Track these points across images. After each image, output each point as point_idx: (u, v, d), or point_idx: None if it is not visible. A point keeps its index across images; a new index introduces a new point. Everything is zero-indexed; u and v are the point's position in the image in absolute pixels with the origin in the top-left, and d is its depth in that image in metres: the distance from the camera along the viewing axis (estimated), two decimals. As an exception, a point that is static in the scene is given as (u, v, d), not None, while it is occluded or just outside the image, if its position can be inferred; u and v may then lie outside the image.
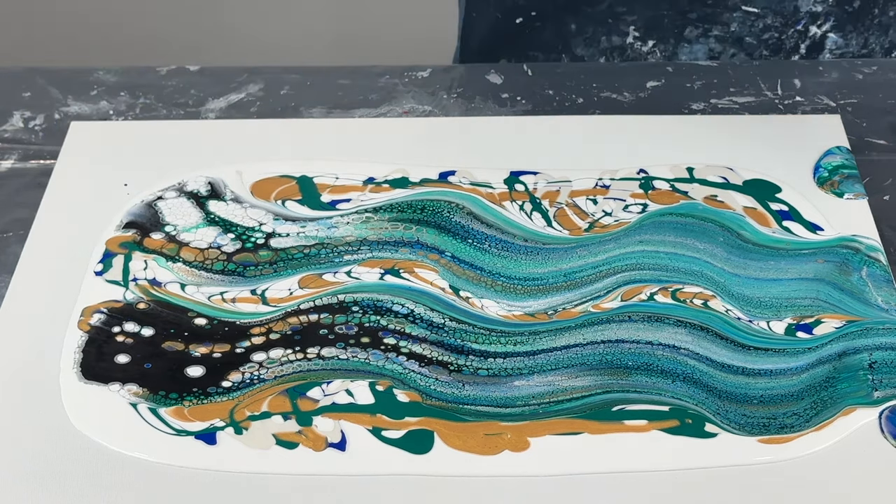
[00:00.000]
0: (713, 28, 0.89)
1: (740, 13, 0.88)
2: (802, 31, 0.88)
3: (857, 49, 0.90)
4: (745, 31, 0.89)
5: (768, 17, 0.88)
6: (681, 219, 0.76)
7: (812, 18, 0.89)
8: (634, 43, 0.91)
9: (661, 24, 0.90)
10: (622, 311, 0.70)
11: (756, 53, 0.91)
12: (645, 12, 0.90)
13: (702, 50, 0.91)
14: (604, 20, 0.91)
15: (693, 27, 0.90)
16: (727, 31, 0.89)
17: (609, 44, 0.92)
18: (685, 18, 0.90)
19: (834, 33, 0.89)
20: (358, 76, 0.89)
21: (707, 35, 0.90)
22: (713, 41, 0.90)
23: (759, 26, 0.89)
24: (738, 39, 0.90)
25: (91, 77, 0.88)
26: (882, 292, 0.71)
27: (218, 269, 0.73)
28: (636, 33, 0.90)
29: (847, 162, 0.80)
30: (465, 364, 0.67)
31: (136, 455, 0.63)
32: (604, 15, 0.91)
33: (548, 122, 0.84)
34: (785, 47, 0.90)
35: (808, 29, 0.88)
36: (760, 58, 0.90)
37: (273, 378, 0.67)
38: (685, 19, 0.90)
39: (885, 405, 0.65)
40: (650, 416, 0.65)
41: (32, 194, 0.78)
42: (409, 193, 0.77)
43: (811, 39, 0.89)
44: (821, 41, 0.90)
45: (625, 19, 0.91)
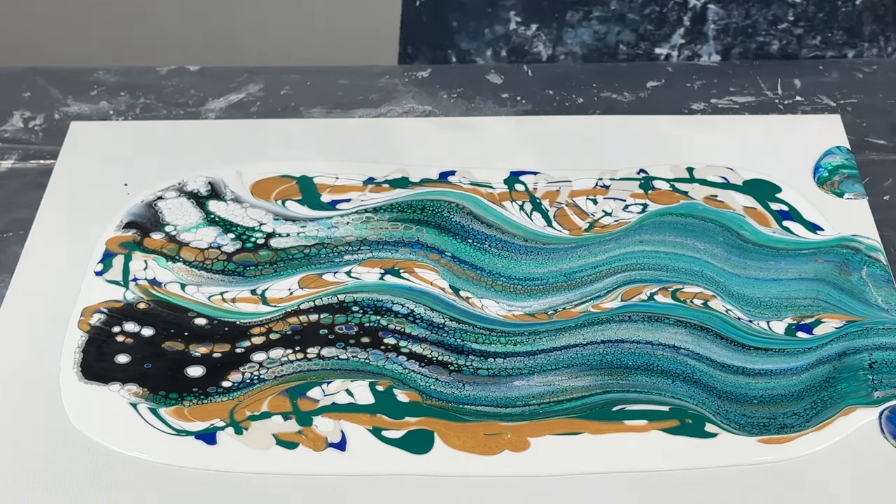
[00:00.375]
0: (593, 9, 0.89)
1: None
2: (682, 2, 0.88)
3: (741, 20, 0.89)
4: (626, 8, 0.89)
5: None
6: (681, 219, 0.76)
7: None
8: (518, 28, 0.91)
9: (540, 7, 0.90)
10: (622, 311, 0.70)
11: (641, 29, 0.90)
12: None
13: (587, 33, 0.90)
14: (483, 10, 0.91)
15: (573, 10, 0.89)
16: (608, 10, 0.89)
17: (493, 33, 0.91)
18: (564, 1, 0.89)
19: (714, 4, 0.88)
20: (358, 76, 0.89)
21: (589, 17, 0.89)
22: (596, 22, 0.89)
23: (638, 1, 0.89)
24: (621, 17, 0.89)
25: (91, 77, 0.88)
26: (882, 292, 0.71)
27: (218, 269, 0.73)
28: (517, 18, 0.90)
29: (847, 162, 0.80)
30: (465, 364, 0.67)
31: (136, 455, 0.63)
32: (482, 4, 0.91)
33: (548, 122, 0.84)
34: (668, 20, 0.89)
35: (687, 1, 0.88)
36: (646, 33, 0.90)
37: (273, 378, 0.67)
38: (564, 2, 0.89)
39: (885, 405, 0.65)
40: (650, 416, 0.65)
41: (32, 194, 0.78)
42: (409, 193, 0.77)
43: (693, 11, 0.89)
44: (703, 13, 0.89)
45: (504, 4, 0.90)
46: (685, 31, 0.90)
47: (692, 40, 0.90)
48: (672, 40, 0.90)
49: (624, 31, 0.90)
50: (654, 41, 0.91)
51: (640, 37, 0.90)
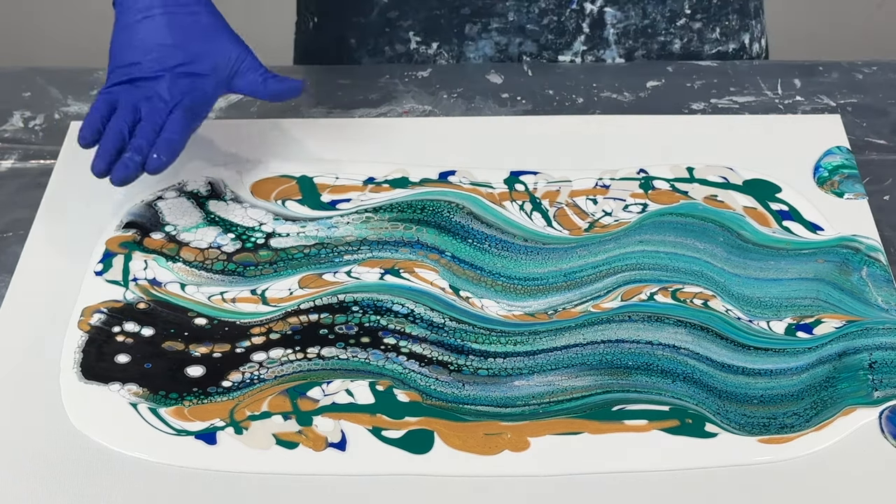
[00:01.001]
0: (491, 21, 0.89)
1: (512, 1, 0.88)
2: (579, 9, 0.88)
3: (639, 20, 0.89)
4: (524, 19, 0.89)
5: (541, 1, 0.88)
6: (681, 219, 0.76)
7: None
8: (419, 48, 0.90)
9: (437, 24, 0.89)
10: (622, 311, 0.70)
11: (542, 39, 0.90)
12: (418, 15, 0.89)
13: (488, 45, 0.90)
14: (381, 30, 0.91)
15: (471, 24, 0.89)
16: (506, 22, 0.88)
17: (394, 51, 0.91)
18: (460, 15, 0.89)
19: (610, 7, 0.88)
20: (358, 76, 0.89)
21: (488, 30, 0.89)
22: (496, 34, 0.89)
23: (535, 11, 0.88)
24: (521, 28, 0.89)
25: (91, 77, 0.88)
26: (882, 292, 0.71)
27: (218, 269, 0.73)
28: (417, 38, 0.90)
29: (847, 162, 0.80)
30: (465, 364, 0.67)
31: (136, 455, 0.63)
32: (378, 24, 0.90)
33: (548, 122, 0.84)
34: (568, 29, 0.89)
35: (583, 7, 0.88)
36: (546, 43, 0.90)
37: (273, 378, 0.67)
38: (460, 16, 0.89)
39: (885, 405, 0.65)
40: (650, 415, 0.65)
41: (32, 194, 0.78)
42: (409, 193, 0.77)
43: (591, 17, 0.89)
44: (600, 17, 0.89)
45: (401, 24, 0.90)
46: (586, 37, 0.90)
47: (594, 46, 0.90)
48: (574, 47, 0.90)
49: (525, 42, 0.90)
50: (557, 50, 0.91)
51: (542, 46, 0.90)
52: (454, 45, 0.90)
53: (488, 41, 0.90)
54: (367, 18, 0.90)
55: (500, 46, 0.90)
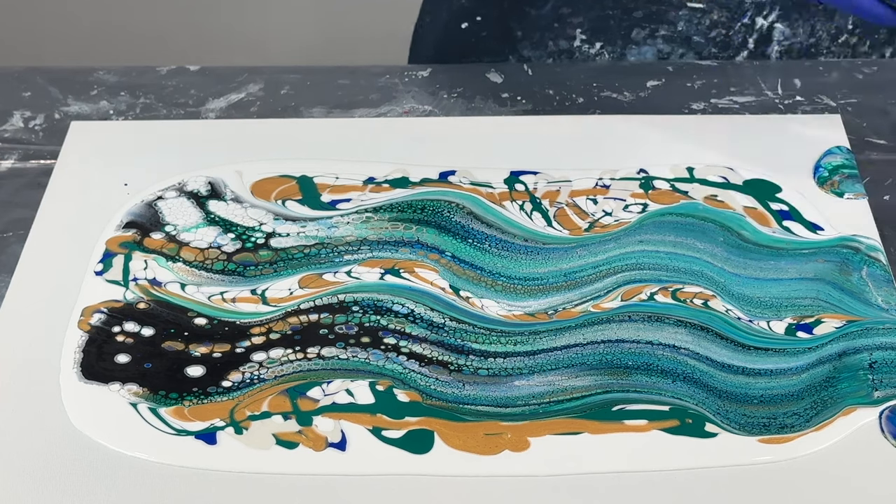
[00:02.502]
0: (660, 28, 0.88)
1: (686, 10, 0.87)
2: (749, 23, 0.88)
3: (805, 38, 0.89)
4: (692, 30, 0.88)
5: (714, 13, 0.88)
6: (681, 219, 0.76)
7: (757, 9, 0.88)
8: (582, 46, 0.90)
9: (607, 25, 0.89)
10: (622, 310, 0.70)
11: (705, 52, 0.90)
12: (590, 13, 0.90)
13: (650, 51, 0.90)
14: (549, 24, 0.91)
15: (640, 28, 0.89)
16: (674, 31, 0.88)
17: (556, 47, 0.91)
18: (631, 18, 0.89)
19: (780, 23, 0.88)
20: (358, 76, 0.89)
21: (654, 36, 0.89)
22: (661, 42, 0.89)
23: (705, 23, 0.88)
24: (686, 39, 0.89)
25: (91, 77, 0.88)
26: (882, 292, 0.71)
27: (218, 269, 0.73)
28: (583, 36, 0.90)
29: (847, 162, 0.80)
30: (465, 364, 0.67)
31: (136, 455, 0.63)
32: (548, 18, 0.90)
33: (548, 122, 0.84)
34: (733, 44, 0.89)
35: (754, 21, 0.88)
36: (709, 56, 0.90)
37: (273, 378, 0.67)
38: (631, 19, 0.89)
39: (885, 405, 0.65)
40: (650, 415, 0.65)
41: (32, 194, 0.78)
42: (409, 193, 0.77)
43: (759, 32, 0.89)
44: (768, 33, 0.89)
45: (570, 21, 0.90)
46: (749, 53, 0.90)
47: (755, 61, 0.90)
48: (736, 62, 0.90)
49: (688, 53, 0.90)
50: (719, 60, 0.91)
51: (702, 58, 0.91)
52: (617, 47, 0.90)
53: (652, 47, 0.90)
54: (539, 11, 0.90)
55: (662, 54, 0.90)
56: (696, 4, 0.87)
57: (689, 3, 0.86)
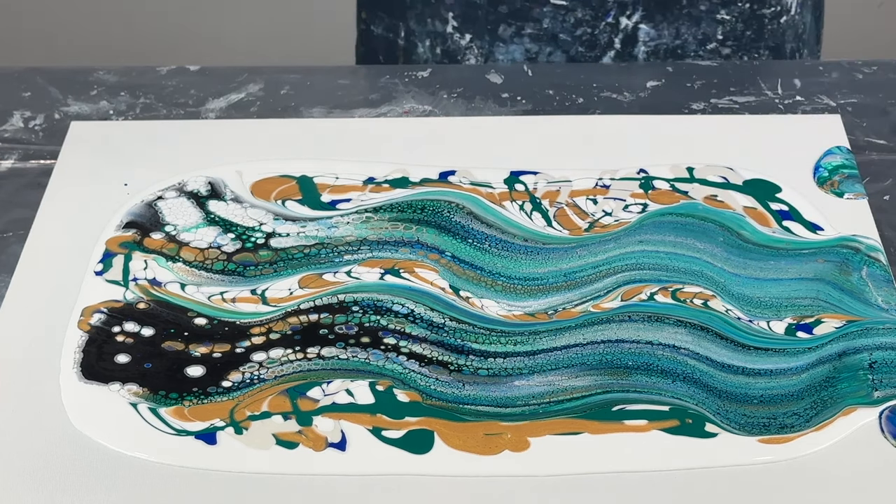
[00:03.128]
0: (526, 26, 0.88)
1: (550, 7, 0.87)
2: (614, 23, 0.88)
3: (671, 40, 0.89)
4: (558, 28, 0.88)
5: (578, 11, 0.88)
6: (681, 219, 0.76)
7: (621, 9, 0.88)
8: (454, 34, 0.90)
9: (475, 15, 0.89)
10: (622, 311, 0.70)
11: (573, 51, 0.89)
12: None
13: (518, 50, 0.89)
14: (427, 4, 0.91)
15: (506, 24, 0.89)
16: (540, 28, 0.88)
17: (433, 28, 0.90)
18: (497, 12, 0.89)
19: (645, 24, 0.88)
20: (358, 76, 0.89)
21: (521, 34, 0.89)
22: (528, 40, 0.89)
23: (570, 21, 0.88)
24: (553, 37, 0.89)
25: (91, 77, 0.88)
26: (882, 292, 0.71)
27: (218, 269, 0.73)
28: (454, 23, 0.90)
29: (847, 162, 0.80)
30: (465, 364, 0.67)
31: (136, 455, 0.63)
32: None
33: (548, 122, 0.84)
34: (599, 43, 0.89)
35: (619, 21, 0.88)
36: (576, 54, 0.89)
37: (273, 378, 0.67)
38: (497, 13, 0.89)
39: (885, 405, 0.65)
40: (650, 416, 0.65)
41: (32, 194, 0.78)
42: (409, 193, 0.77)
43: (624, 32, 0.89)
44: (633, 33, 0.89)
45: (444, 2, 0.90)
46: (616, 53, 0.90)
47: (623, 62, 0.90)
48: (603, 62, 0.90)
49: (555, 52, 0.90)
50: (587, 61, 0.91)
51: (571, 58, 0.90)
52: (485, 42, 0.90)
53: (519, 46, 0.90)
54: None
55: (530, 53, 0.90)
56: (560, 1, 0.86)
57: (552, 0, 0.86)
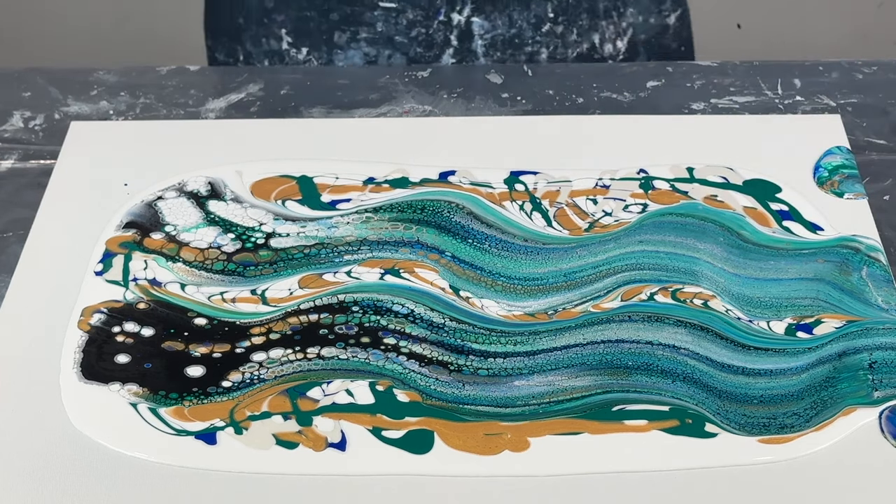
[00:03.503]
0: (360, 30, 0.88)
1: (380, 10, 0.87)
2: (446, 20, 0.87)
3: (506, 30, 0.88)
4: (392, 30, 0.88)
5: (408, 12, 0.87)
6: (681, 219, 0.76)
7: (450, 5, 0.88)
8: (290, 49, 0.90)
9: (307, 27, 0.88)
10: (622, 311, 0.70)
11: (411, 52, 0.89)
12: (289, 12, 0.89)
13: (357, 55, 0.89)
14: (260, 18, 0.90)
15: (340, 31, 0.88)
16: (375, 32, 0.88)
17: (269, 46, 0.90)
18: (329, 20, 0.88)
19: (477, 17, 0.88)
20: (358, 76, 0.89)
21: (356, 39, 0.88)
22: (365, 44, 0.89)
23: (403, 23, 0.88)
24: (389, 39, 0.88)
25: (91, 77, 0.88)
26: (882, 292, 0.71)
27: (218, 269, 0.73)
28: (289, 38, 0.89)
29: (847, 162, 0.80)
30: (465, 364, 0.67)
31: (136, 455, 0.63)
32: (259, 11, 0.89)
33: (548, 122, 0.84)
34: (436, 42, 0.88)
35: (450, 17, 0.87)
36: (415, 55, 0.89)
37: (273, 378, 0.67)
38: (329, 21, 0.88)
39: (885, 405, 0.65)
40: (650, 416, 0.65)
41: (32, 194, 0.78)
42: (409, 193, 0.77)
43: (458, 28, 0.88)
44: (468, 28, 0.88)
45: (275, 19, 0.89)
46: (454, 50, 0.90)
47: (463, 58, 0.90)
48: (443, 60, 0.90)
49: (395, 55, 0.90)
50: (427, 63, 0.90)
51: (412, 59, 0.90)
52: (323, 53, 0.90)
53: (357, 52, 0.89)
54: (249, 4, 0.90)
55: (370, 57, 0.90)
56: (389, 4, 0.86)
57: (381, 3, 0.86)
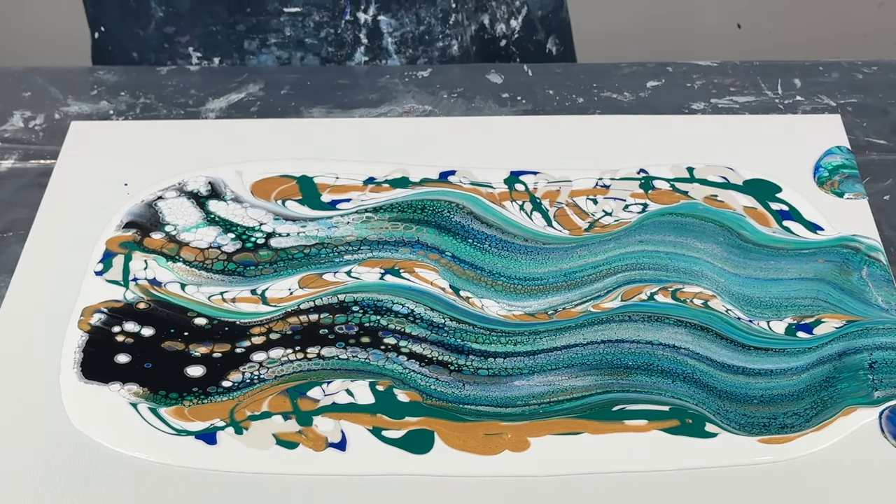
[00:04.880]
0: (269, 36, 0.87)
1: (286, 16, 0.87)
2: (352, 20, 0.87)
3: (415, 27, 0.88)
4: (301, 33, 0.87)
5: (314, 14, 0.87)
6: (681, 219, 0.76)
7: (355, 5, 0.88)
8: (201, 63, 0.89)
9: (215, 41, 0.88)
10: (622, 310, 0.70)
11: (323, 52, 0.89)
12: (194, 30, 0.88)
13: (270, 59, 0.88)
14: (160, 44, 0.89)
15: (249, 39, 0.88)
16: (284, 37, 0.87)
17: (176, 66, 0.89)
18: (236, 31, 0.88)
19: (383, 15, 0.87)
20: (358, 76, 0.89)
21: (267, 45, 0.88)
22: (276, 48, 0.88)
23: (310, 25, 0.87)
24: (300, 42, 0.88)
25: (91, 77, 0.88)
26: (882, 292, 0.71)
27: (218, 269, 0.73)
28: (198, 54, 0.89)
29: (847, 162, 0.80)
30: (465, 364, 0.67)
31: (136, 455, 0.63)
32: (157, 39, 0.89)
33: (548, 122, 0.84)
34: (346, 41, 0.88)
35: (357, 17, 0.87)
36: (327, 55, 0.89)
37: (273, 378, 0.67)
38: (236, 32, 0.88)
39: (885, 405, 0.65)
40: (650, 416, 0.65)
41: (32, 194, 0.78)
42: (409, 193, 0.77)
43: (367, 27, 0.88)
44: (376, 26, 0.88)
45: (179, 41, 0.89)
46: (365, 48, 0.90)
47: (375, 56, 0.90)
48: (355, 58, 0.90)
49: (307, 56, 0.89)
50: (339, 62, 0.90)
51: (325, 59, 0.90)
52: (236, 61, 0.89)
53: (269, 56, 0.89)
54: (146, 32, 0.89)
55: (283, 60, 0.90)
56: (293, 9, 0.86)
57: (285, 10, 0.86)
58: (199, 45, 0.88)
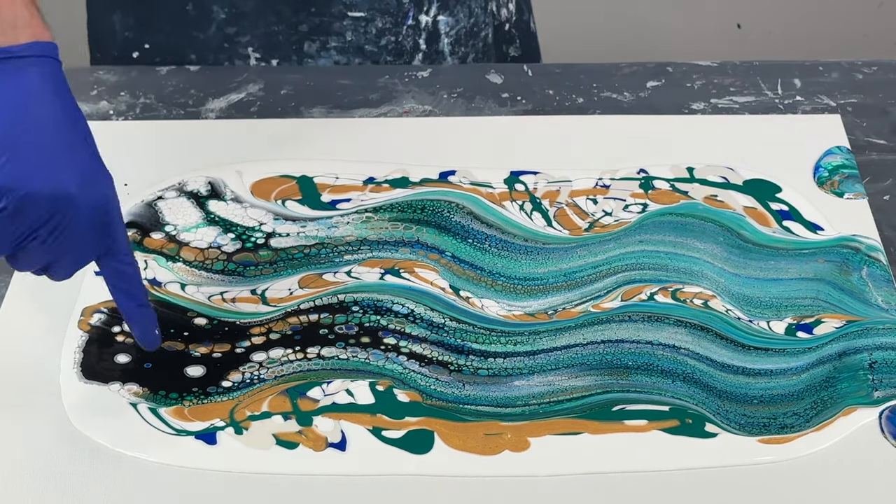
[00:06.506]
0: (329, 40, 0.88)
1: (349, 20, 0.87)
2: (414, 24, 0.88)
3: (466, 21, 0.88)
4: (362, 40, 0.88)
5: (377, 20, 0.88)
6: (681, 219, 0.76)
7: (417, 7, 0.88)
8: (259, 64, 0.90)
9: (276, 41, 0.89)
10: (622, 311, 0.70)
11: (381, 61, 0.89)
12: (256, 31, 0.88)
13: (328, 63, 0.89)
14: (220, 45, 0.89)
15: (309, 41, 0.88)
16: (345, 42, 0.88)
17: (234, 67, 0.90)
18: (298, 32, 0.88)
19: (442, 15, 0.88)
20: (358, 76, 0.89)
21: (326, 48, 0.88)
22: (335, 53, 0.89)
23: (372, 32, 0.88)
24: (359, 49, 0.89)
25: (91, 77, 0.88)
26: (882, 292, 0.71)
27: (218, 269, 0.73)
28: (257, 55, 0.89)
29: (847, 162, 0.80)
30: (465, 364, 0.67)
31: (136, 455, 0.63)
32: (217, 40, 0.89)
33: (548, 122, 0.84)
34: (405, 49, 0.89)
35: (419, 20, 0.87)
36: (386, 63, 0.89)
37: (273, 378, 0.67)
38: (298, 33, 0.88)
39: (885, 405, 0.65)
40: (650, 416, 0.65)
41: (32, 194, 0.78)
42: (409, 193, 0.77)
43: (426, 31, 0.88)
44: (435, 28, 0.89)
45: (239, 41, 0.89)
46: (423, 55, 0.90)
47: (432, 62, 0.90)
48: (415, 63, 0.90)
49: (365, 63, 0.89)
50: None
51: None
52: (294, 63, 0.90)
53: (328, 59, 0.89)
54: (206, 35, 0.89)
55: (340, 65, 0.90)
56: (358, 13, 0.86)
57: (349, 14, 0.86)
58: (258, 46, 0.89)
